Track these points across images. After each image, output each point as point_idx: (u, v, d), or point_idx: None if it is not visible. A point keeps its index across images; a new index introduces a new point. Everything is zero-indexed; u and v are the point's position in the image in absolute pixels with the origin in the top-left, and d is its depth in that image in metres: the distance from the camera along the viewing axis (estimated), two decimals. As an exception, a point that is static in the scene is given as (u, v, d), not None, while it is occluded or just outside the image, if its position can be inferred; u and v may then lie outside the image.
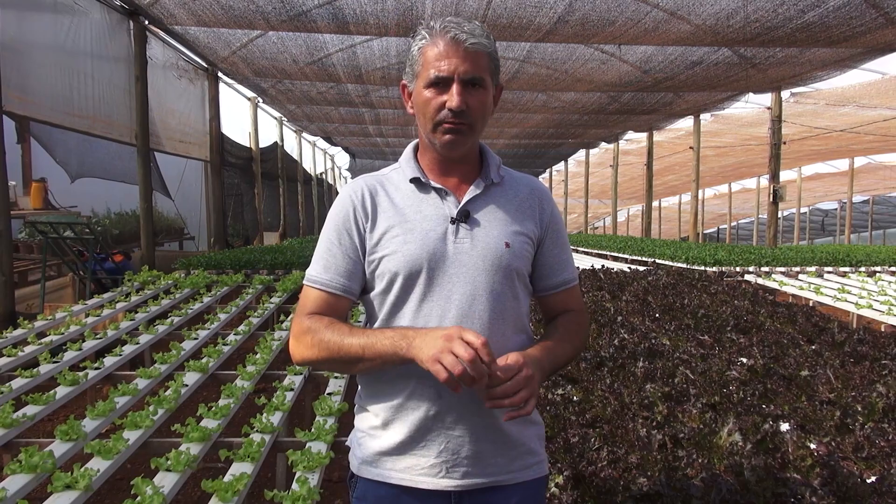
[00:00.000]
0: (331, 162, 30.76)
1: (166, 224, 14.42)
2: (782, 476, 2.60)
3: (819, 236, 39.70)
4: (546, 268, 1.69)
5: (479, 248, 1.56)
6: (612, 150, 21.92)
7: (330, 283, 1.58)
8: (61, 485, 2.72)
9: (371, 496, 1.59)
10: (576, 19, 8.76)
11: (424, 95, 1.54)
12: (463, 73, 1.51)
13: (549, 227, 1.68)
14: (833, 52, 10.07)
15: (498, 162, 1.68)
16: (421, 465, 1.54)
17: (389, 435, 1.56)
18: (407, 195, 1.61)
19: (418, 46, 1.56)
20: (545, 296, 1.71)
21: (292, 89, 14.04)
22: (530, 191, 1.69)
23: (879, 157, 24.36)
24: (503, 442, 1.57)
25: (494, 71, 1.58)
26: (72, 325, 5.49)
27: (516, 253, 1.59)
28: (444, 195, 1.60)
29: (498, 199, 1.64)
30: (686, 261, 10.93)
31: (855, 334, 5.28)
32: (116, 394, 3.90)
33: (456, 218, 1.57)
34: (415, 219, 1.57)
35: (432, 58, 1.52)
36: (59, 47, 7.90)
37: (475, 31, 1.52)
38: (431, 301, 1.54)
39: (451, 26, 1.51)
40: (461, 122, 1.53)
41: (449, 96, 1.51)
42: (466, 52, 1.51)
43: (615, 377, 3.98)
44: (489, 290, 1.55)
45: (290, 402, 4.00)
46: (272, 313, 6.66)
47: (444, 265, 1.54)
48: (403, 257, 1.54)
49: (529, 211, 1.66)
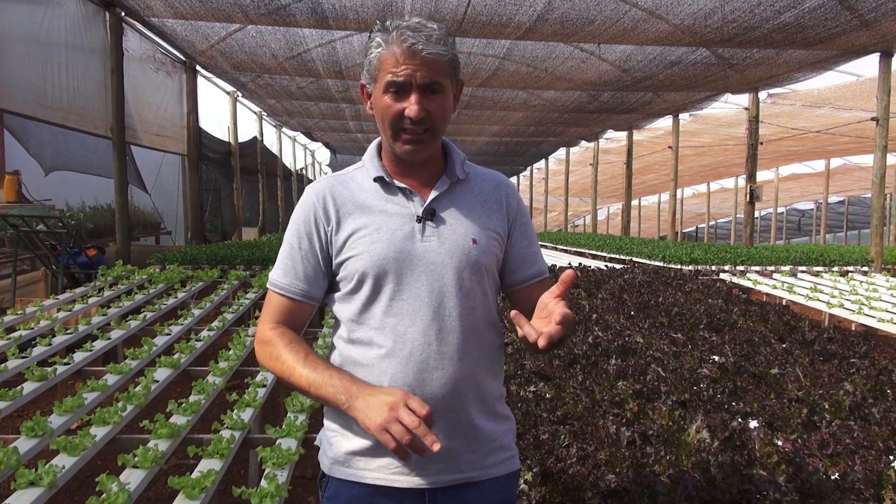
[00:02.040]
0: (311, 157, 30.63)
1: (142, 218, 14.26)
2: (748, 473, 2.63)
3: (796, 236, 40.18)
4: (516, 261, 1.68)
5: (446, 245, 1.56)
6: (593, 148, 22.01)
7: (289, 289, 1.59)
8: (25, 481, 2.69)
9: (343, 496, 1.58)
10: (555, 17, 8.78)
11: (384, 101, 1.52)
12: (420, 80, 1.49)
13: (515, 221, 1.68)
14: (809, 53, 10.19)
15: (462, 158, 1.67)
16: (395, 463, 1.53)
17: (362, 435, 1.55)
18: (371, 195, 1.60)
19: (374, 54, 1.53)
20: (517, 289, 1.70)
21: (272, 84, 13.94)
22: (495, 185, 1.69)
23: (855, 159, 24.70)
24: (475, 438, 1.57)
25: (453, 72, 1.56)
26: (42, 320, 5.42)
27: (484, 249, 1.59)
28: (410, 194, 1.59)
29: (463, 196, 1.63)
30: (663, 259, 11.01)
31: (825, 333, 5.34)
32: (85, 389, 3.86)
33: (422, 216, 1.57)
34: (380, 219, 1.56)
35: (390, 64, 1.49)
36: (32, 38, 7.79)
37: (432, 37, 1.49)
38: (402, 300, 1.53)
39: (408, 35, 1.48)
40: (422, 128, 1.52)
41: (408, 104, 1.50)
42: (424, 59, 1.48)
43: (588, 374, 3.99)
44: (458, 286, 1.55)
45: (263, 398, 3.98)
46: (247, 309, 6.61)
47: (412, 264, 1.54)
48: (371, 257, 1.53)
49: (496, 206, 1.66)
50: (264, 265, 8.90)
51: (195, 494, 2.69)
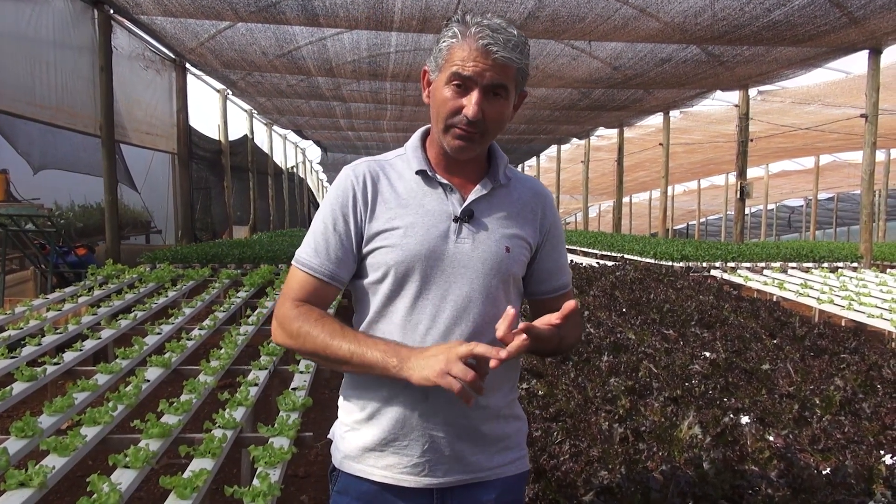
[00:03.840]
0: (302, 156, 30.51)
1: (132, 217, 14.17)
2: (740, 468, 2.64)
3: (786, 232, 40.35)
4: (543, 272, 1.67)
5: (479, 249, 1.53)
6: (584, 146, 22.04)
7: (318, 269, 1.54)
8: (15, 482, 2.67)
9: (353, 491, 1.58)
10: (546, 15, 8.78)
11: (444, 93, 1.49)
12: (486, 80, 1.45)
13: (549, 234, 1.66)
14: (799, 50, 10.23)
15: (506, 162, 1.64)
16: (403, 463, 1.53)
17: (373, 431, 1.55)
18: (411, 186, 1.57)
19: (447, 43, 1.49)
20: (539, 300, 1.69)
21: (262, 82, 13.89)
22: (534, 195, 1.66)
23: (844, 156, 24.81)
24: (483, 440, 1.57)
25: (521, 81, 1.53)
26: (31, 320, 5.38)
27: (515, 258, 1.57)
28: (450, 191, 1.56)
29: (502, 202, 1.60)
30: (654, 256, 11.04)
31: (815, 329, 5.37)
32: (75, 389, 3.83)
33: (459, 217, 1.54)
34: (417, 213, 1.53)
35: (458, 57, 1.46)
36: (20, 36, 7.72)
37: (510, 42, 1.45)
38: (426, 299, 1.51)
39: (487, 33, 1.44)
40: (474, 130, 1.48)
41: (467, 102, 1.46)
42: (495, 62, 1.45)
43: (580, 371, 4.00)
44: (485, 293, 1.53)
45: (254, 397, 3.96)
46: (239, 308, 6.59)
47: (443, 264, 1.51)
48: (402, 251, 1.50)
49: (531, 216, 1.63)
50: (255, 264, 8.87)
51: (187, 494, 2.68)
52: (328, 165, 32.14)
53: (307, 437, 3.55)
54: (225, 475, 4.08)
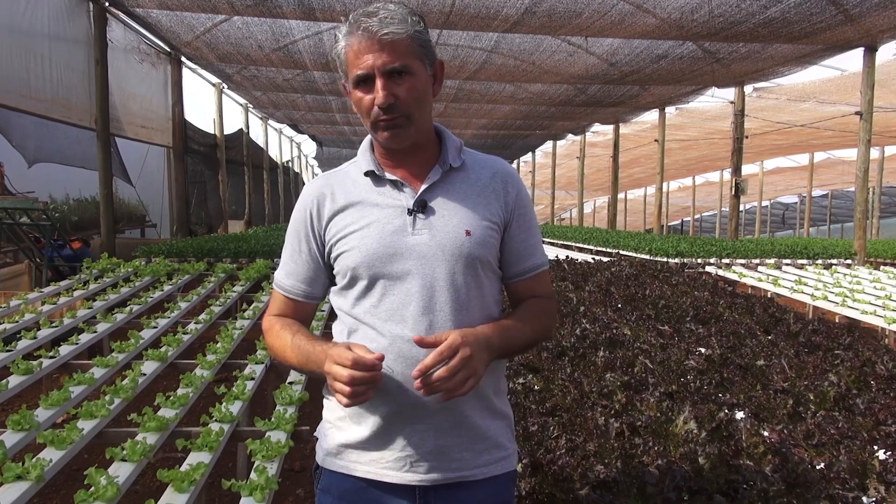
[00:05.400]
0: (297, 150, 30.46)
1: (127, 211, 14.16)
2: (735, 463, 2.65)
3: (780, 229, 40.49)
4: (513, 254, 1.62)
5: (437, 238, 1.51)
6: (579, 141, 22.06)
7: (291, 290, 1.66)
8: (12, 475, 2.66)
9: (335, 488, 1.57)
10: (543, 10, 8.77)
11: (356, 95, 1.51)
12: (381, 67, 1.45)
13: (514, 211, 1.61)
14: (794, 48, 10.26)
15: (458, 144, 1.62)
16: (386, 458, 1.51)
17: (355, 428, 1.54)
18: (363, 189, 1.58)
19: (341, 47, 1.50)
20: (512, 282, 1.65)
21: (258, 76, 13.85)
22: (493, 173, 1.62)
23: (838, 153, 24.89)
24: (469, 436, 1.53)
25: (422, 51, 1.50)
26: (27, 314, 5.37)
27: (478, 240, 1.53)
28: (400, 186, 1.56)
29: (458, 185, 1.58)
30: (649, 252, 11.07)
31: (810, 325, 5.40)
32: (71, 383, 3.83)
33: (413, 209, 1.53)
34: (372, 213, 1.54)
35: (352, 57, 1.47)
36: (15, 28, 7.68)
37: (386, 18, 1.44)
38: (392, 295, 1.51)
39: (362, 20, 1.45)
40: (394, 115, 1.48)
41: (375, 93, 1.47)
42: (382, 43, 1.44)
43: (576, 366, 4.02)
44: (450, 281, 1.51)
45: (251, 391, 3.96)
46: (234, 302, 6.58)
47: (403, 258, 1.51)
48: (361, 253, 1.51)
49: (493, 195, 1.58)
50: (251, 258, 8.85)
51: (184, 487, 2.68)
52: (324, 160, 32.05)
53: (304, 431, 3.55)
54: (222, 469, 4.08)
